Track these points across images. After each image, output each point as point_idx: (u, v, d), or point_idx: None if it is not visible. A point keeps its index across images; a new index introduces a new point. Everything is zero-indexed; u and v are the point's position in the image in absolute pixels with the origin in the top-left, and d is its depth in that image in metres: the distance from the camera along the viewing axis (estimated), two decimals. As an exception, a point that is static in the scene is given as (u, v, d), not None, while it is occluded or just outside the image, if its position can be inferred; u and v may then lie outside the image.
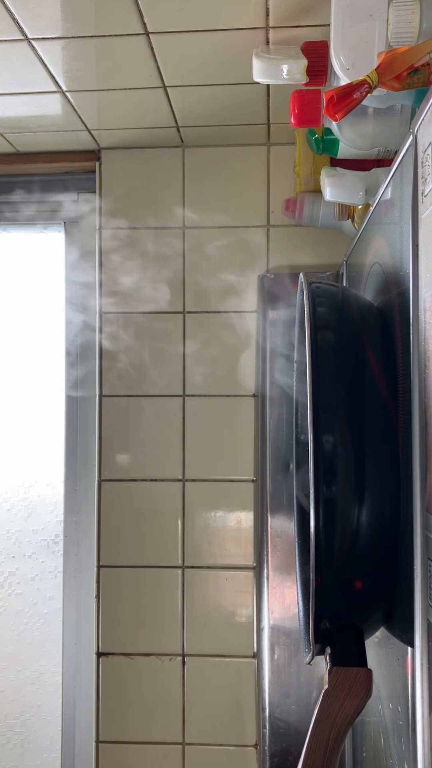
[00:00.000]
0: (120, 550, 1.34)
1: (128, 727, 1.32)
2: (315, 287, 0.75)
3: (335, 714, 0.65)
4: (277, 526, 1.28)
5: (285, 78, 0.86)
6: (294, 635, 1.26)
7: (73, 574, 1.40)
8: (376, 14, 0.74)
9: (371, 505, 0.65)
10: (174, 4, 0.89)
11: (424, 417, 0.60)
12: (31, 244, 1.48)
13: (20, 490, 1.45)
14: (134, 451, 1.34)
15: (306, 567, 0.80)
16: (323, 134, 1.01)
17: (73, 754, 1.39)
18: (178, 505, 1.33)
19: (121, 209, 1.36)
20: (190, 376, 1.33)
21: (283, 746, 1.25)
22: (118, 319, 1.34)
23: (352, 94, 0.69)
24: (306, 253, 1.32)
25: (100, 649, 1.33)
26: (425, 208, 0.60)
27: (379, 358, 0.71)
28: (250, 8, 0.89)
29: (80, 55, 1.03)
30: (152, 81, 1.10)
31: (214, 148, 1.35)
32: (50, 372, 1.44)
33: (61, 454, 1.42)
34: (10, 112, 1.21)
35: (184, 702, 1.31)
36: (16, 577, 1.44)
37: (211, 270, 1.33)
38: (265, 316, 1.31)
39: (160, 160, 1.36)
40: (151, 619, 1.33)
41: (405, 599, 0.63)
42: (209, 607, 1.32)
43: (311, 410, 0.66)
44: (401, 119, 0.85)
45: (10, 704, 1.43)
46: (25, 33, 0.96)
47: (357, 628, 0.69)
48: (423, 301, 0.61)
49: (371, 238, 0.90)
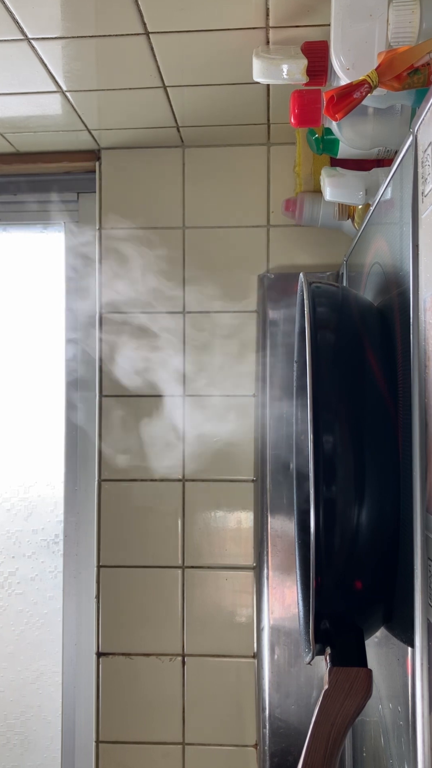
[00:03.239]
0: (120, 550, 1.34)
1: (128, 727, 1.32)
2: (315, 287, 0.75)
3: (335, 714, 0.65)
4: (277, 526, 1.28)
5: (285, 78, 0.86)
6: (294, 635, 1.26)
7: (73, 574, 1.40)
8: (376, 14, 0.74)
9: (371, 505, 0.65)
10: (174, 4, 0.89)
11: (424, 417, 0.60)
12: (31, 244, 1.48)
13: (20, 490, 1.45)
14: (134, 451, 1.34)
15: (306, 567, 0.80)
16: (323, 134, 1.01)
17: (73, 754, 1.39)
18: (178, 505, 1.33)
19: (121, 209, 1.36)
20: (189, 376, 1.33)
21: (283, 746, 1.25)
22: (118, 319, 1.34)
23: (352, 94, 0.69)
24: (306, 253, 1.33)
25: (100, 649, 1.33)
26: (425, 208, 0.60)
27: (379, 358, 0.71)
28: (250, 8, 0.89)
29: (80, 55, 1.03)
30: (152, 81, 1.10)
31: (214, 148, 1.35)
32: (50, 372, 1.44)
33: (61, 454, 1.42)
34: (10, 112, 1.21)
35: (184, 702, 1.31)
36: (16, 577, 1.44)
37: (211, 270, 1.33)
38: (265, 316, 1.31)
39: (160, 160, 1.36)
40: (151, 619, 1.33)
41: (405, 599, 0.63)
42: (209, 607, 1.32)
43: (311, 410, 0.66)
44: (401, 119, 0.85)
45: (10, 704, 1.43)
46: (25, 33, 0.96)
47: (357, 628, 0.69)
48: (423, 301, 0.61)
49: (371, 238, 0.90)
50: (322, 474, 0.65)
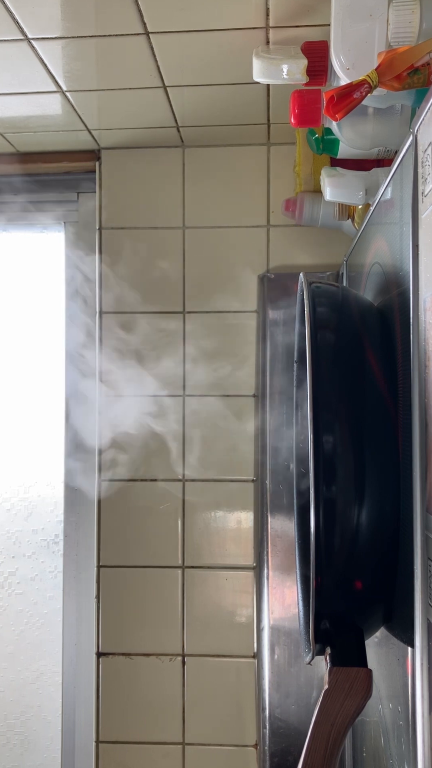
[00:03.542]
0: (120, 550, 1.34)
1: (128, 727, 1.32)
2: (315, 287, 0.75)
3: (335, 714, 0.65)
4: (277, 526, 1.28)
5: (285, 78, 0.86)
6: (294, 635, 1.26)
7: (73, 574, 1.40)
8: (376, 14, 0.74)
9: (371, 505, 0.65)
10: (174, 4, 0.89)
11: (424, 417, 0.60)
12: (31, 244, 1.48)
13: (20, 490, 1.45)
14: (134, 450, 1.34)
15: (306, 567, 0.80)
16: (323, 134, 1.01)
17: (73, 754, 1.39)
18: (178, 505, 1.33)
19: (121, 209, 1.36)
20: (190, 376, 1.33)
21: (283, 746, 1.25)
22: (118, 319, 1.34)
23: (352, 94, 0.69)
24: (306, 253, 1.33)
25: (100, 649, 1.33)
26: (425, 208, 0.60)
27: (379, 358, 0.71)
28: (250, 8, 0.89)
29: (80, 55, 1.03)
30: (152, 81, 1.10)
31: (214, 148, 1.35)
32: (50, 372, 1.44)
33: (61, 454, 1.42)
34: (10, 112, 1.21)
35: (184, 702, 1.31)
36: (16, 577, 1.44)
37: (211, 270, 1.33)
38: (265, 316, 1.31)
39: (160, 160, 1.36)
40: (151, 619, 1.33)
41: (405, 599, 0.63)
42: (209, 607, 1.32)
43: (311, 410, 0.66)
44: (401, 119, 0.85)
45: (10, 704, 1.43)
46: (25, 33, 0.96)
47: (357, 628, 0.69)
48: (423, 301, 0.61)
49: (371, 238, 0.90)
50: (322, 474, 0.65)
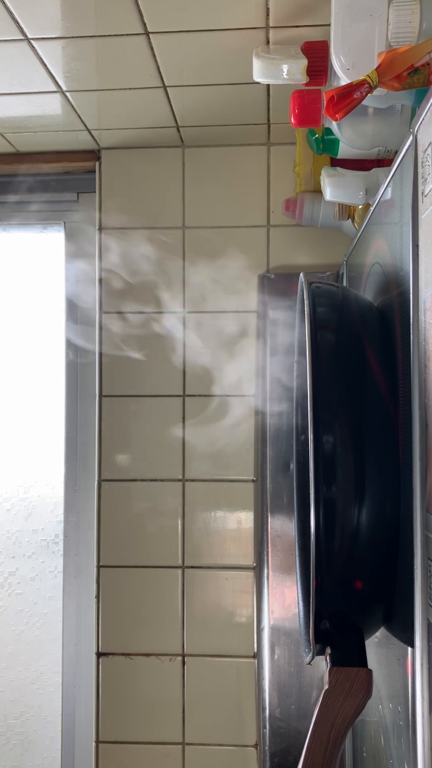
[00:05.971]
0: (120, 550, 1.34)
1: (128, 727, 1.32)
2: (315, 287, 0.75)
3: (335, 714, 0.65)
4: (277, 526, 1.28)
5: (285, 78, 0.86)
6: (294, 635, 1.26)
7: (73, 574, 1.40)
8: (376, 14, 0.74)
9: (371, 505, 0.65)
10: (174, 4, 0.89)
11: (424, 417, 0.60)
12: (31, 244, 1.48)
13: (20, 490, 1.45)
14: (134, 451, 1.34)
15: (306, 567, 0.80)
16: (323, 134, 1.01)
17: (73, 754, 1.39)
18: (178, 505, 1.33)
19: (121, 209, 1.36)
20: (189, 376, 1.33)
21: (283, 746, 1.25)
22: (117, 319, 1.34)
23: (352, 94, 0.69)
24: (306, 253, 1.32)
25: (100, 649, 1.33)
26: (425, 208, 0.60)
27: (379, 358, 0.71)
28: (250, 8, 0.89)
29: (80, 55, 1.03)
30: (152, 81, 1.10)
31: (214, 148, 1.35)
32: (50, 372, 1.44)
33: (61, 454, 1.42)
34: (10, 112, 1.21)
35: (184, 702, 1.31)
36: (16, 577, 1.44)
37: (211, 270, 1.33)
38: (265, 316, 1.31)
39: (160, 160, 1.36)
40: (151, 619, 1.33)
41: (405, 599, 0.63)
42: (209, 607, 1.32)
43: (311, 410, 0.66)
44: (401, 119, 0.85)
45: (10, 704, 1.43)
46: (25, 33, 0.96)
47: (357, 628, 0.69)
48: (423, 301, 0.61)
49: (371, 238, 0.90)
50: (322, 474, 0.65)
